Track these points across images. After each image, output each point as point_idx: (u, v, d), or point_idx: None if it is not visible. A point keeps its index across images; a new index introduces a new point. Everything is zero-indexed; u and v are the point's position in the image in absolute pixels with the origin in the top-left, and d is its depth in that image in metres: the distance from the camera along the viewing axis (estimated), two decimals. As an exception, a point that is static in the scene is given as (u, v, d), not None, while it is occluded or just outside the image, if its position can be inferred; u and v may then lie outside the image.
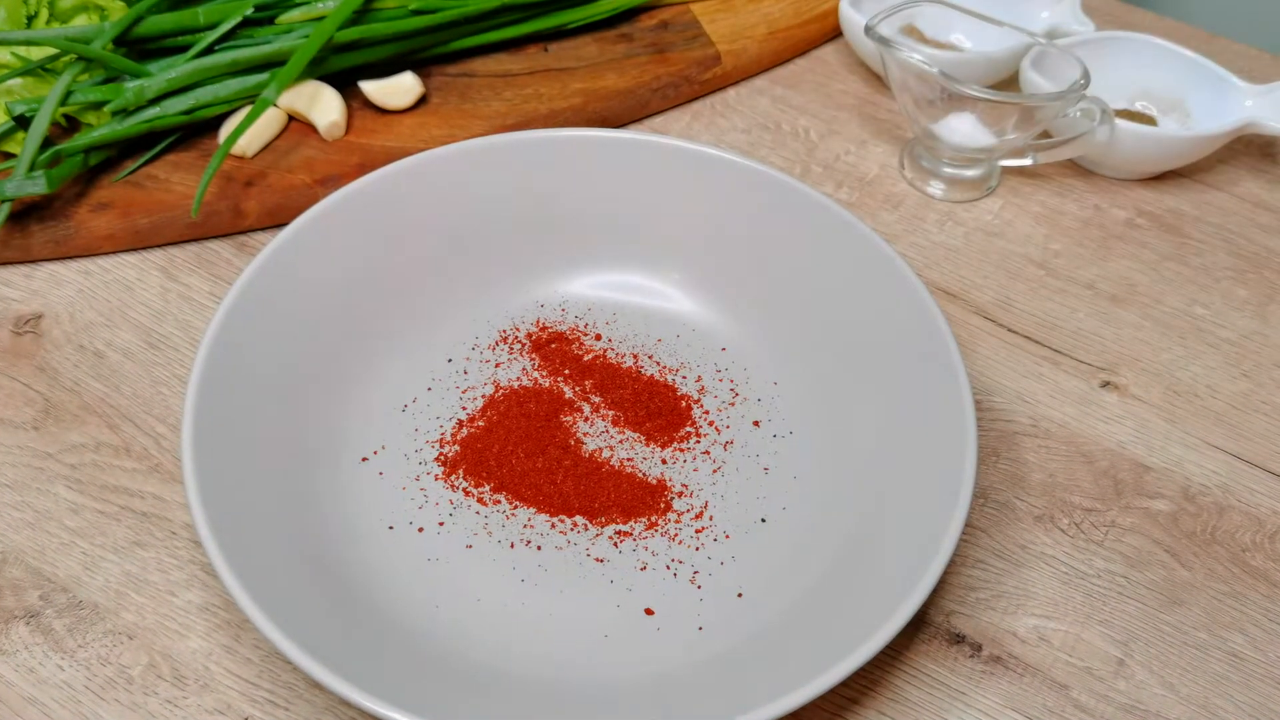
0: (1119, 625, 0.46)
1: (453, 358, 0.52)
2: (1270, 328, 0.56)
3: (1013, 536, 0.48)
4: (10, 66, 0.59)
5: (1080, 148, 0.59)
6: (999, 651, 0.45)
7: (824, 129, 0.65)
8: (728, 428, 0.50)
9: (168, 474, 0.49)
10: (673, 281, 0.54)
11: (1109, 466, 0.50)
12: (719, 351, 0.53)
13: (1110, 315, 0.57)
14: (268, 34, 0.60)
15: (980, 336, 0.55)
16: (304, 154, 0.59)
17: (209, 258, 0.57)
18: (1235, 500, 0.50)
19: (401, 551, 0.46)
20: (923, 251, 0.59)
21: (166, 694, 0.43)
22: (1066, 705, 0.44)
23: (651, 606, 0.44)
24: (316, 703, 0.43)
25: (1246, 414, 0.53)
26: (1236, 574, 0.47)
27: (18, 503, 0.48)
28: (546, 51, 0.66)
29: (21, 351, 0.53)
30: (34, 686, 0.43)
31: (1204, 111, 0.63)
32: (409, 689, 0.38)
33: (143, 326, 0.54)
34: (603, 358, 0.52)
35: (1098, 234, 0.60)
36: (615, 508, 0.47)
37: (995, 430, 0.52)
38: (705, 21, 0.68)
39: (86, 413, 0.51)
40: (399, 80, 0.61)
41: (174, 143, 0.59)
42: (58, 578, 0.46)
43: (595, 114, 0.63)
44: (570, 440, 0.49)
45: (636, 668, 0.42)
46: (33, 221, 0.56)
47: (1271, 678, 0.45)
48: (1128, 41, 0.64)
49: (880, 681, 0.44)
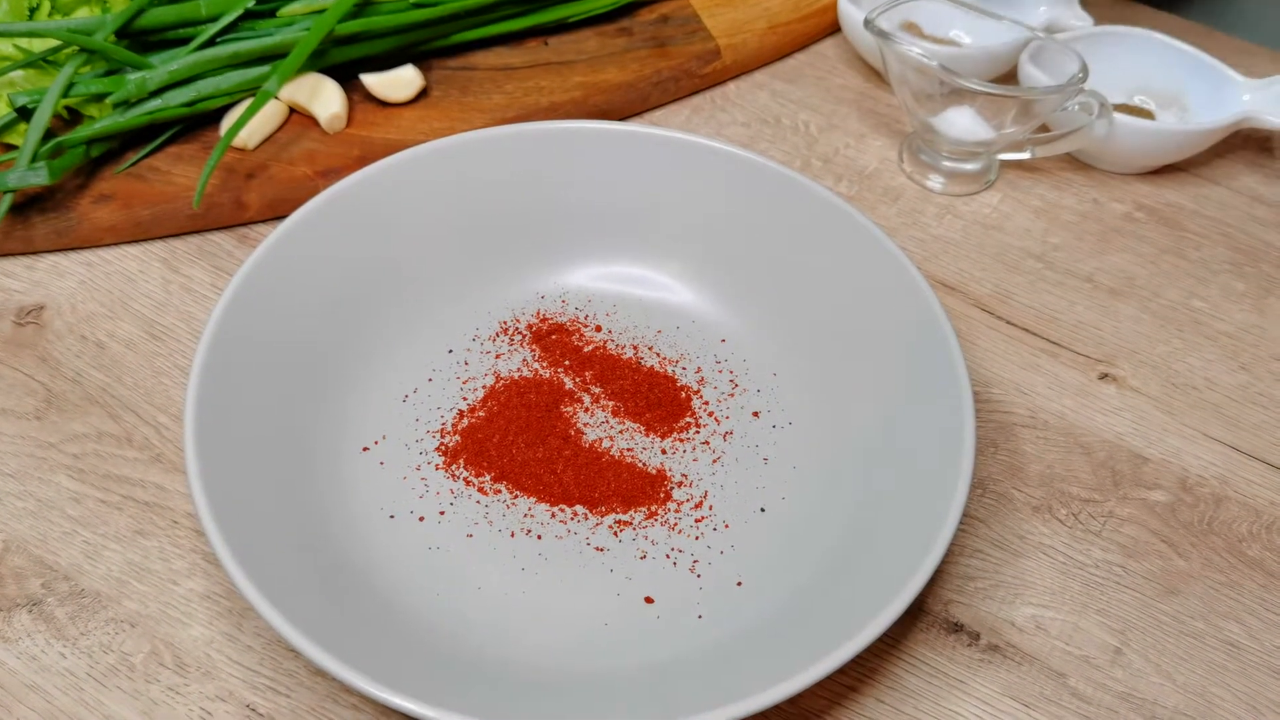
0: (1116, 614, 0.46)
1: (453, 348, 0.52)
2: (1268, 321, 0.57)
3: (1011, 526, 0.48)
4: (13, 58, 0.59)
5: (1078, 141, 0.59)
6: (997, 640, 0.45)
7: (823, 123, 0.65)
8: (727, 418, 0.50)
9: (169, 464, 0.49)
10: (673, 273, 0.55)
11: (1107, 457, 0.51)
12: (719, 343, 0.53)
13: (1108, 308, 0.57)
14: (269, 26, 0.61)
15: (979, 329, 0.56)
16: (305, 146, 0.60)
17: (210, 249, 0.57)
18: (1232, 491, 0.50)
19: (402, 540, 0.46)
20: (922, 244, 0.59)
21: (168, 681, 0.43)
22: (1064, 693, 0.44)
23: (651, 595, 0.45)
24: (318, 690, 0.43)
25: (1244, 406, 0.53)
26: (1233, 564, 0.48)
27: (20, 492, 0.48)
28: (547, 45, 0.66)
29: (24, 342, 0.53)
30: (36, 674, 0.43)
31: (1202, 106, 0.63)
32: (410, 676, 0.39)
33: (144, 317, 0.54)
34: (603, 349, 0.52)
35: (1096, 227, 0.60)
36: (615, 497, 0.47)
37: (994, 421, 0.52)
38: (705, 16, 0.68)
39: (88, 403, 0.51)
40: (400, 73, 0.61)
41: (176, 135, 0.60)
42: (60, 566, 0.46)
43: (595, 107, 0.63)
44: (570, 430, 0.49)
45: (636, 656, 0.43)
46: (35, 213, 0.56)
47: (1267, 666, 0.45)
48: (1126, 36, 0.64)
49: (879, 670, 0.44)
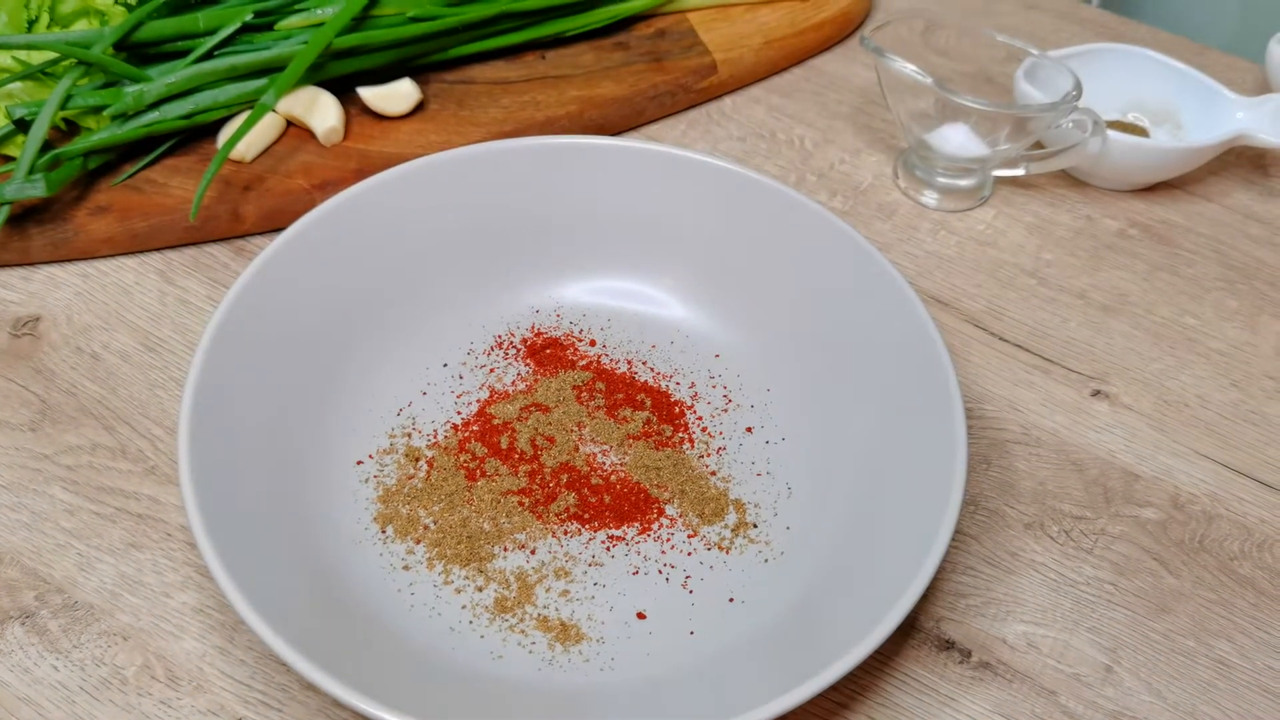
0: (1107, 632, 0.46)
1: (448, 362, 0.52)
2: (1260, 338, 0.57)
3: (1003, 544, 0.48)
4: (11, 70, 0.59)
5: (1072, 159, 0.60)
6: (988, 658, 0.45)
7: (819, 138, 0.66)
8: (721, 434, 0.50)
9: (163, 476, 0.49)
10: (667, 288, 0.55)
11: (1099, 475, 0.51)
12: (713, 358, 0.53)
13: (1101, 325, 0.57)
14: (267, 40, 0.61)
15: (972, 345, 0.56)
16: (302, 159, 0.60)
17: (206, 261, 0.57)
18: (1224, 509, 0.50)
19: (395, 554, 0.46)
20: (916, 260, 0.59)
21: (160, 695, 0.43)
22: (1055, 711, 0.44)
23: (644, 610, 0.45)
24: (310, 704, 0.43)
25: (1236, 424, 0.53)
26: (1224, 582, 0.48)
27: (14, 504, 0.48)
28: (544, 59, 0.66)
29: (19, 353, 0.53)
30: (29, 686, 0.43)
31: (1196, 123, 0.63)
32: (402, 691, 0.39)
33: (140, 329, 0.54)
34: (597, 363, 0.52)
35: (1089, 244, 0.61)
36: (609, 512, 0.47)
37: (986, 438, 0.52)
38: (702, 30, 0.68)
39: (83, 415, 0.51)
40: (397, 87, 0.61)
41: (173, 147, 0.60)
42: (53, 578, 0.46)
43: (591, 121, 0.63)
44: (564, 445, 0.49)
45: (628, 670, 0.43)
46: (31, 224, 0.56)
47: (1258, 685, 0.45)
48: (1120, 53, 0.64)
49: (870, 687, 0.44)
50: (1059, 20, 0.74)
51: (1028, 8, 0.75)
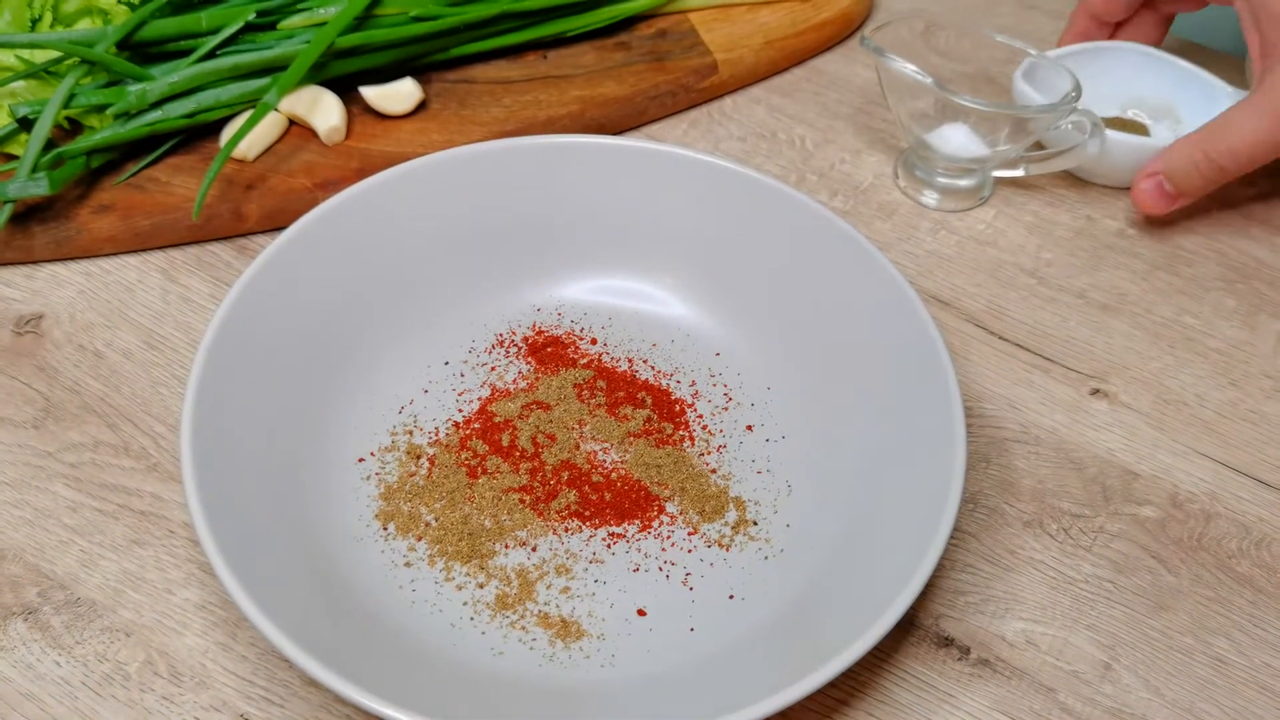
0: (1106, 630, 0.46)
1: (449, 360, 0.52)
2: (1258, 337, 0.57)
3: (1002, 541, 0.49)
4: (14, 69, 0.59)
5: (1071, 160, 0.60)
6: (987, 654, 0.45)
7: (819, 138, 0.66)
8: (721, 432, 0.50)
9: (166, 473, 0.49)
10: (668, 287, 0.55)
11: (1098, 473, 0.51)
12: (713, 356, 0.53)
13: (1101, 324, 0.57)
14: (269, 39, 0.61)
15: (972, 344, 0.56)
16: (304, 158, 0.60)
17: (209, 260, 0.58)
18: (1222, 507, 0.50)
19: (396, 551, 0.46)
20: (916, 260, 0.60)
21: (163, 691, 0.43)
22: (1053, 708, 0.44)
23: (644, 607, 0.45)
24: (312, 700, 0.43)
25: (1234, 422, 0.53)
26: (1223, 580, 0.48)
27: (17, 500, 0.48)
28: (545, 59, 0.66)
29: (22, 351, 0.53)
30: (31, 682, 0.43)
31: (1195, 119, 0.63)
32: (403, 686, 0.39)
33: (143, 327, 0.55)
34: (598, 361, 0.53)
35: (1089, 243, 0.61)
36: (609, 510, 0.47)
37: (985, 436, 0.52)
38: (703, 31, 0.68)
39: (86, 412, 0.51)
40: (399, 86, 0.62)
41: (175, 146, 0.60)
42: (56, 575, 0.46)
43: (593, 121, 0.63)
44: (565, 443, 0.49)
45: (628, 667, 0.43)
46: (35, 223, 0.56)
47: (1256, 683, 0.45)
48: (1119, 51, 0.64)
49: (869, 683, 0.44)
50: (1059, 20, 0.74)
51: (1027, 8, 0.75)
